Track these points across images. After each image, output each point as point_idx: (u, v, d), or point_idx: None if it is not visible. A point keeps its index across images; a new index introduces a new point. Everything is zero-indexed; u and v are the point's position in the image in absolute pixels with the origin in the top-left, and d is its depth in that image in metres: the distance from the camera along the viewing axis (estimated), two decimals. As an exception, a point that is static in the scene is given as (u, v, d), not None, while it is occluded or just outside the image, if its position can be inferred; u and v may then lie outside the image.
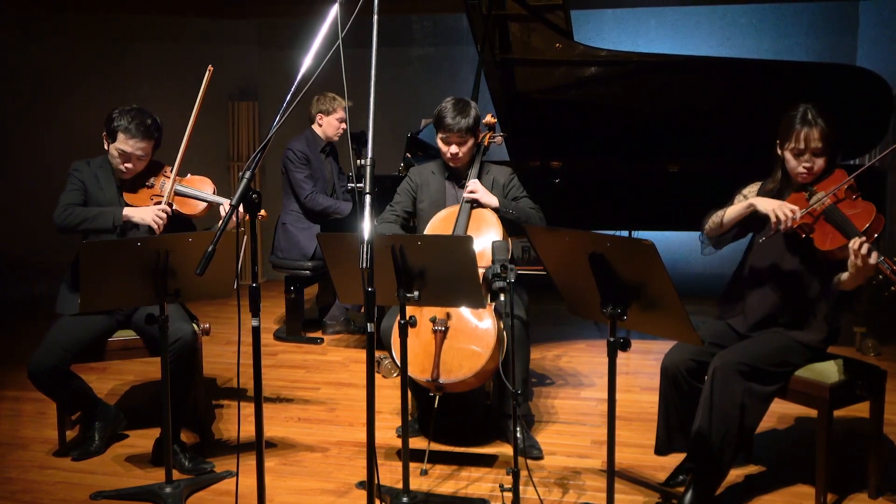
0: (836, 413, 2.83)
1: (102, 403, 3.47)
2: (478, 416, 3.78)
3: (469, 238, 2.70)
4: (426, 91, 6.72)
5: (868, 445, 2.97)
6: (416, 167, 3.81)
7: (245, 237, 2.71)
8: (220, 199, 3.34)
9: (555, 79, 4.95)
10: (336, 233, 4.46)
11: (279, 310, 5.49)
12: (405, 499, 2.84)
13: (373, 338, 2.24)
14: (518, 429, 3.06)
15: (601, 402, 3.88)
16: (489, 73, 4.83)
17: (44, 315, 3.82)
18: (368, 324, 2.21)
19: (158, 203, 3.30)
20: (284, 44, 6.77)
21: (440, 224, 3.49)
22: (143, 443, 3.44)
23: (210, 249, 2.34)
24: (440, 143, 3.56)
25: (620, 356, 2.47)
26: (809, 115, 2.78)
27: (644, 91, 4.91)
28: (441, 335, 3.20)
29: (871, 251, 2.55)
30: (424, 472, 3.17)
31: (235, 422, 3.66)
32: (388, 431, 3.59)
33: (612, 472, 2.44)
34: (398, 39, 6.87)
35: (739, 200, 2.99)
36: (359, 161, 2.30)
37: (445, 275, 2.71)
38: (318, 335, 5.11)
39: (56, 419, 3.42)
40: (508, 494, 2.80)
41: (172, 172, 3.34)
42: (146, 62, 6.58)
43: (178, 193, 3.35)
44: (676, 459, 3.06)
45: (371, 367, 2.25)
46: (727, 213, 2.91)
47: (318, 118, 5.02)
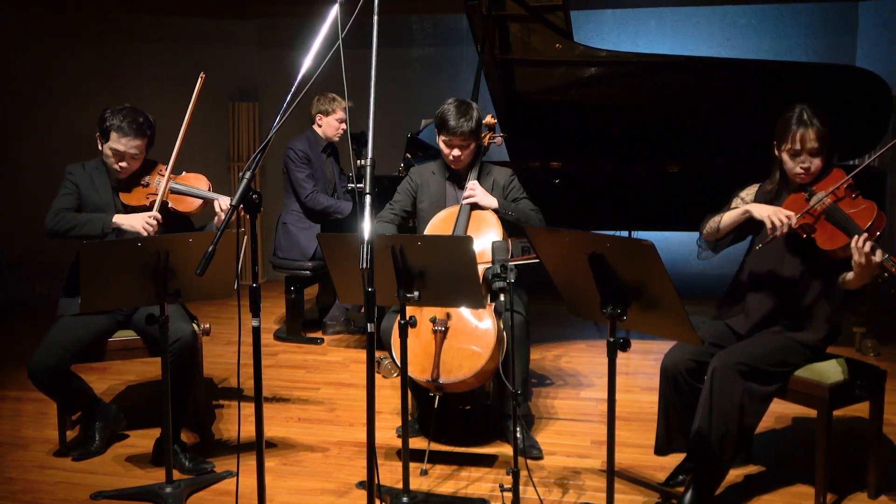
0: (836, 413, 2.83)
1: (103, 403, 3.47)
2: (478, 416, 3.78)
3: (469, 238, 2.71)
4: (426, 92, 6.72)
5: (867, 445, 2.97)
6: (417, 167, 3.81)
7: (245, 237, 2.71)
8: (216, 196, 3.33)
9: (555, 79, 4.96)
10: (336, 233, 4.46)
11: (279, 310, 5.49)
12: (405, 499, 2.85)
13: (373, 338, 2.24)
14: (518, 429, 3.06)
15: (601, 402, 3.89)
16: (489, 74, 4.84)
17: (44, 315, 3.83)
18: (368, 324, 2.21)
19: (153, 202, 3.31)
20: (284, 44, 6.78)
21: (440, 224, 3.49)
22: (144, 443, 3.45)
23: (210, 250, 2.34)
24: (442, 146, 3.56)
25: (620, 356, 2.48)
26: (805, 116, 2.79)
27: (644, 91, 4.91)
28: (441, 335, 3.20)
29: (875, 249, 2.56)
30: (424, 472, 3.17)
31: (236, 422, 3.67)
32: (389, 431, 3.59)
33: (612, 472, 2.44)
34: (398, 40, 6.88)
35: (737, 203, 3.00)
36: (359, 161, 2.30)
37: (445, 275, 2.71)
38: (319, 335, 5.11)
39: (56, 419, 3.42)
40: (508, 494, 2.81)
41: (167, 170, 3.34)
42: (146, 62, 6.58)
43: (174, 191, 3.35)
44: (676, 459, 3.06)
45: (371, 368, 2.25)
46: (724, 219, 2.92)
47: (318, 118, 5.02)
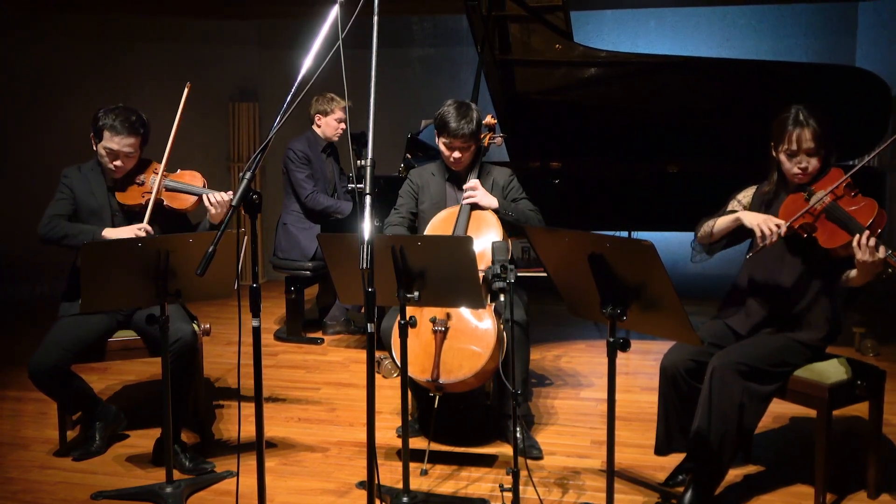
0: (835, 413, 2.84)
1: (103, 403, 3.47)
2: (478, 416, 3.78)
3: (469, 239, 2.71)
4: (426, 92, 6.73)
5: (867, 445, 2.97)
6: (416, 169, 3.81)
7: (245, 238, 2.71)
8: (207, 191, 3.32)
9: (555, 80, 4.96)
10: (336, 233, 4.46)
11: (279, 310, 5.50)
12: (405, 499, 2.85)
13: (373, 338, 2.24)
14: (518, 429, 3.06)
15: (601, 403, 3.89)
16: (489, 74, 4.84)
17: (44, 315, 3.83)
18: (368, 324, 2.21)
19: (149, 200, 3.31)
20: (285, 44, 6.78)
21: (440, 224, 3.49)
22: (144, 443, 3.45)
23: (210, 250, 2.35)
24: (442, 147, 3.56)
25: (620, 356, 2.48)
26: (801, 116, 2.80)
27: (644, 92, 4.92)
28: (441, 335, 3.21)
29: (878, 245, 2.57)
30: (424, 472, 3.18)
31: (236, 422, 3.67)
32: (389, 431, 3.59)
33: (612, 472, 2.45)
34: (398, 40, 6.88)
35: (733, 205, 3.02)
36: (359, 162, 2.30)
37: (445, 275, 2.72)
38: (319, 335, 5.11)
39: (57, 419, 3.43)
40: (508, 494, 2.81)
41: (160, 168, 3.34)
42: (146, 63, 6.58)
43: (169, 188, 3.35)
44: (676, 459, 3.07)
45: (371, 368, 2.25)
46: (716, 224, 2.94)
47: (317, 119, 5.02)
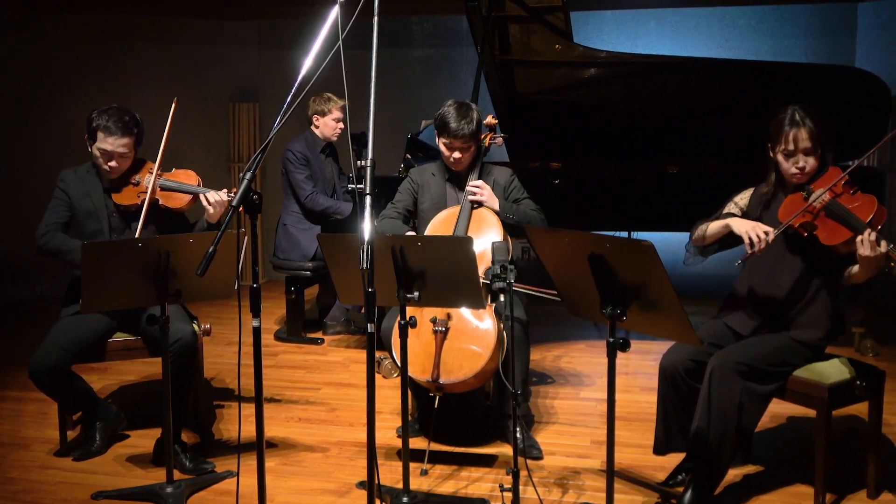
0: (835, 413, 2.84)
1: (103, 403, 3.48)
2: (478, 417, 3.79)
3: (469, 239, 2.71)
4: (426, 92, 6.73)
5: (867, 445, 2.98)
6: (417, 168, 3.82)
7: (246, 238, 2.72)
8: (203, 190, 3.32)
9: (554, 80, 4.96)
10: (336, 233, 4.46)
11: (280, 310, 5.50)
12: (405, 499, 2.85)
13: (373, 338, 2.25)
14: (518, 429, 3.06)
15: (601, 403, 3.89)
16: (489, 75, 4.84)
17: (44, 315, 3.84)
18: (369, 324, 2.22)
19: (144, 200, 3.31)
20: (285, 45, 6.79)
21: (441, 225, 3.50)
22: (144, 443, 3.45)
23: (211, 250, 2.35)
24: (442, 148, 3.56)
25: (620, 356, 2.48)
26: (797, 116, 2.82)
27: (643, 92, 4.92)
28: (441, 336, 3.21)
29: (880, 239, 2.58)
30: (424, 472, 3.18)
31: (236, 422, 3.67)
32: (389, 431, 3.60)
33: (612, 472, 2.45)
34: (398, 41, 6.89)
35: (730, 208, 3.04)
36: (359, 162, 2.30)
37: (445, 275, 2.72)
38: (319, 336, 5.12)
39: (57, 419, 3.43)
40: (508, 494, 2.81)
41: (155, 167, 3.35)
42: (146, 63, 6.58)
43: (164, 188, 3.35)
44: (676, 459, 3.07)
45: (371, 368, 2.25)
46: (709, 229, 2.96)
47: (314, 119, 5.02)
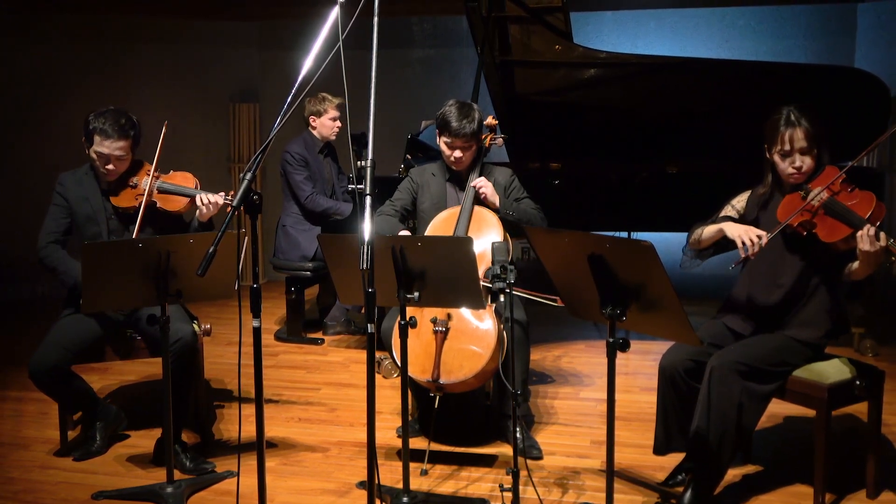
0: (834, 413, 2.84)
1: (103, 403, 3.48)
2: (478, 417, 3.79)
3: (469, 239, 2.72)
4: (426, 93, 6.73)
5: (866, 445, 2.98)
6: (417, 168, 3.82)
7: (246, 238, 2.72)
8: (202, 193, 3.32)
9: (554, 81, 4.97)
10: (337, 234, 4.47)
11: (280, 310, 5.50)
12: (405, 499, 2.85)
13: (373, 338, 2.25)
14: (518, 429, 3.07)
15: (600, 403, 3.90)
16: (489, 75, 4.84)
17: (44, 315, 3.84)
18: (369, 324, 2.22)
19: (142, 202, 3.31)
20: (285, 45, 6.79)
21: (441, 225, 3.50)
22: (145, 443, 3.46)
23: (211, 250, 2.35)
24: (443, 147, 3.57)
25: (619, 357, 2.49)
26: (792, 117, 2.83)
27: (643, 93, 4.92)
28: (441, 336, 3.21)
29: (879, 233, 2.59)
30: (424, 472, 3.18)
31: (236, 422, 3.67)
32: (389, 431, 3.60)
33: (612, 472, 2.45)
34: (398, 41, 6.89)
35: (728, 211, 3.05)
36: (359, 163, 2.31)
37: (446, 276, 2.72)
38: (319, 336, 5.12)
39: (58, 419, 3.44)
40: (508, 494, 2.81)
41: (152, 170, 3.35)
42: (147, 64, 6.59)
43: (160, 190, 3.36)
44: (675, 459, 3.07)
45: (371, 368, 2.26)
46: (704, 233, 2.98)
47: (311, 120, 5.03)
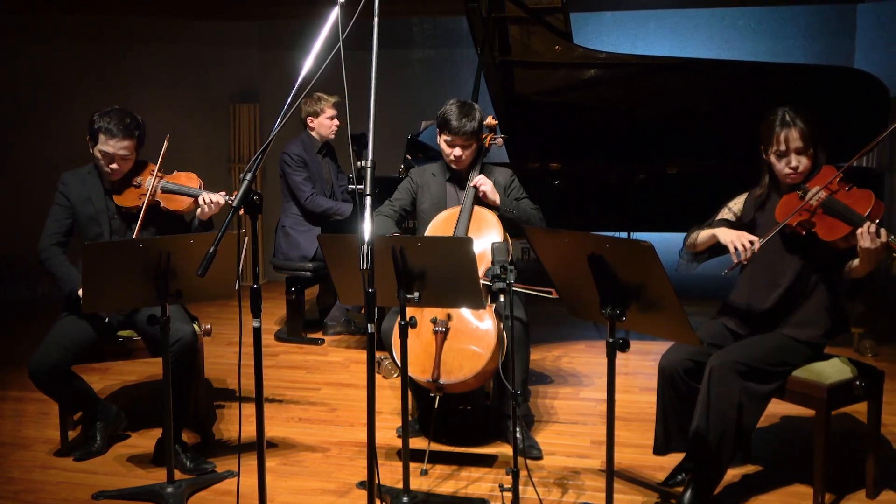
0: (834, 413, 2.85)
1: (104, 403, 3.48)
2: (478, 417, 3.79)
3: (469, 239, 2.72)
4: (426, 93, 6.74)
5: (866, 446, 2.98)
6: (417, 168, 3.82)
7: (246, 239, 2.72)
8: (205, 193, 3.31)
9: (554, 81, 4.97)
10: (337, 234, 4.47)
11: (280, 311, 5.50)
12: (405, 499, 2.86)
13: (373, 338, 2.25)
14: (518, 429, 3.07)
15: (600, 403, 3.90)
16: (489, 76, 4.85)
17: (44, 315, 3.84)
18: (369, 324, 2.22)
19: (144, 201, 3.32)
20: (285, 46, 6.79)
21: (441, 225, 3.50)
22: (145, 443, 3.46)
23: (211, 251, 2.35)
24: (443, 145, 3.57)
25: (619, 357, 2.49)
26: (787, 117, 2.85)
27: (643, 93, 4.93)
28: (441, 336, 3.22)
29: (879, 230, 2.61)
30: (424, 472, 3.18)
31: (236, 422, 3.68)
32: (389, 432, 3.60)
33: (612, 472, 2.46)
34: (398, 42, 6.89)
35: (725, 214, 3.07)
36: (359, 163, 2.31)
37: (446, 276, 2.73)
38: (319, 336, 5.12)
39: (58, 419, 3.44)
40: (508, 494, 2.82)
41: (156, 170, 3.36)
42: (147, 64, 6.59)
43: (165, 190, 3.36)
44: (675, 459, 3.08)
45: (371, 368, 2.26)
46: (699, 237, 3.01)
47: (309, 121, 5.03)
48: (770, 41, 6.48)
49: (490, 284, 2.88)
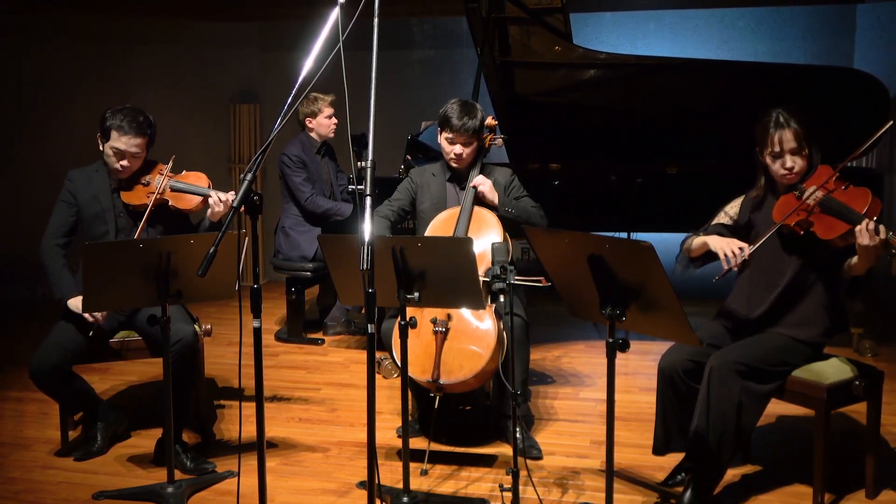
0: (834, 413, 2.85)
1: (104, 404, 3.49)
2: (478, 417, 3.79)
3: (469, 240, 2.72)
4: (426, 93, 6.74)
5: (865, 446, 2.98)
6: (417, 169, 3.82)
7: (246, 239, 2.73)
8: (215, 192, 3.32)
9: (554, 81, 4.97)
10: (337, 234, 4.47)
11: (280, 311, 5.51)
12: (405, 499, 2.86)
13: (373, 339, 2.25)
14: (518, 429, 3.07)
15: (600, 403, 3.90)
16: (489, 76, 4.85)
17: (44, 315, 3.84)
18: (369, 325, 2.23)
19: (152, 199, 3.32)
20: (285, 46, 6.80)
21: (441, 225, 3.50)
22: (145, 443, 3.46)
23: (211, 251, 2.35)
24: (444, 144, 3.58)
25: (619, 357, 2.49)
26: (781, 118, 2.86)
27: (643, 93, 4.93)
28: (441, 336, 3.22)
29: (878, 227, 2.61)
30: (424, 472, 3.19)
31: (237, 422, 3.68)
32: (389, 432, 3.61)
33: (611, 472, 2.46)
34: (398, 42, 6.90)
35: (721, 218, 3.09)
36: (359, 163, 2.31)
37: (446, 276, 2.73)
38: (319, 336, 5.12)
39: (59, 419, 3.44)
40: (508, 494, 2.82)
41: (166, 169, 3.36)
42: (147, 64, 6.60)
43: (174, 189, 3.37)
44: (675, 459, 3.08)
45: (371, 368, 2.26)
46: (693, 243, 3.03)
47: (307, 122, 5.03)
48: (769, 41, 6.48)
49: (489, 283, 2.88)
